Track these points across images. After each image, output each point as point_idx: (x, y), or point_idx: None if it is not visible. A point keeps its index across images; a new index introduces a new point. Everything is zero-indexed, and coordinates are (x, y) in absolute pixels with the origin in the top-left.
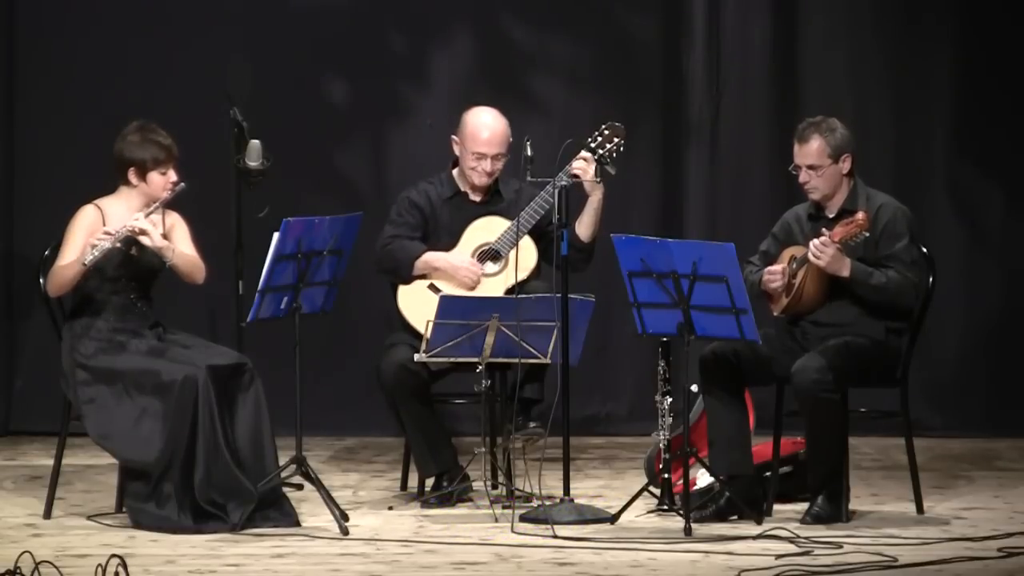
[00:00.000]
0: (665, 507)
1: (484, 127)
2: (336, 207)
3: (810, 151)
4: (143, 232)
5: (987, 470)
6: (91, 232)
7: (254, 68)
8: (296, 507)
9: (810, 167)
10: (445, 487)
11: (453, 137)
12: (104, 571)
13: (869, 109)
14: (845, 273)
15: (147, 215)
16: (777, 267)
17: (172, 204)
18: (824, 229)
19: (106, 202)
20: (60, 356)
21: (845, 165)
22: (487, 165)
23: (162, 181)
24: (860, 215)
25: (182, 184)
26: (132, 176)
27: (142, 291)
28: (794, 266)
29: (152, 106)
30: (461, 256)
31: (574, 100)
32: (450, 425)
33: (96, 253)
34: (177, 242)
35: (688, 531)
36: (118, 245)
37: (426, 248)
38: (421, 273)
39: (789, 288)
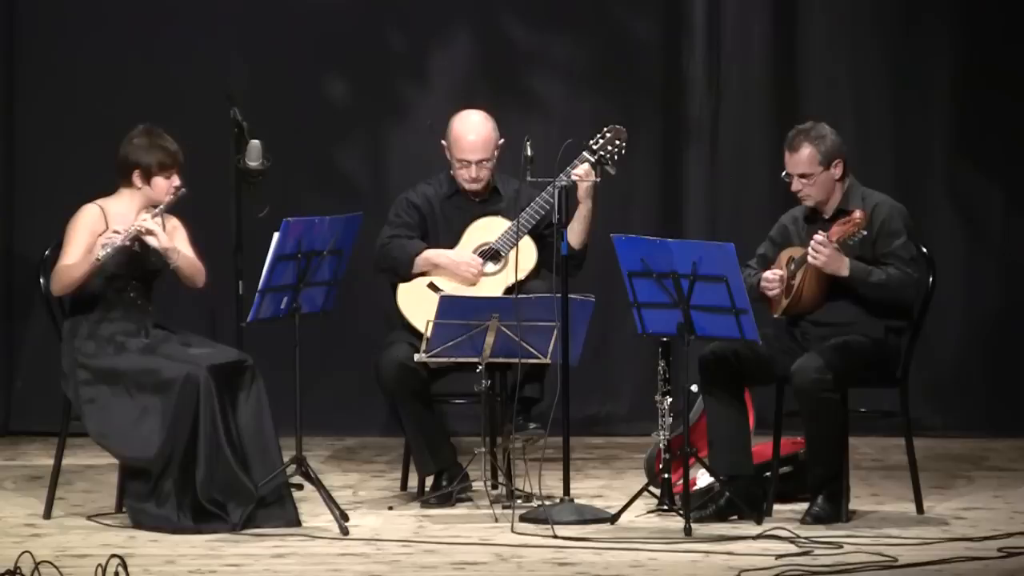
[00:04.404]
0: (665, 507)
1: (466, 132)
2: (336, 207)
3: (801, 160)
4: (150, 232)
5: (987, 470)
6: (93, 231)
7: (254, 67)
8: (296, 507)
9: (802, 175)
10: (444, 486)
11: (442, 142)
12: (104, 571)
13: (869, 109)
14: (844, 272)
15: (153, 216)
16: (774, 274)
17: (172, 206)
18: (820, 230)
19: (107, 202)
20: (60, 356)
21: (837, 170)
22: (472, 172)
23: (166, 185)
24: (857, 213)
25: (184, 189)
26: (136, 179)
27: (143, 290)
28: (792, 267)
29: (152, 106)
30: (461, 252)
31: (574, 100)
32: (450, 425)
33: (109, 250)
34: (178, 245)
35: (688, 531)
36: (127, 243)
37: (426, 246)
38: (421, 270)
39: (788, 289)
